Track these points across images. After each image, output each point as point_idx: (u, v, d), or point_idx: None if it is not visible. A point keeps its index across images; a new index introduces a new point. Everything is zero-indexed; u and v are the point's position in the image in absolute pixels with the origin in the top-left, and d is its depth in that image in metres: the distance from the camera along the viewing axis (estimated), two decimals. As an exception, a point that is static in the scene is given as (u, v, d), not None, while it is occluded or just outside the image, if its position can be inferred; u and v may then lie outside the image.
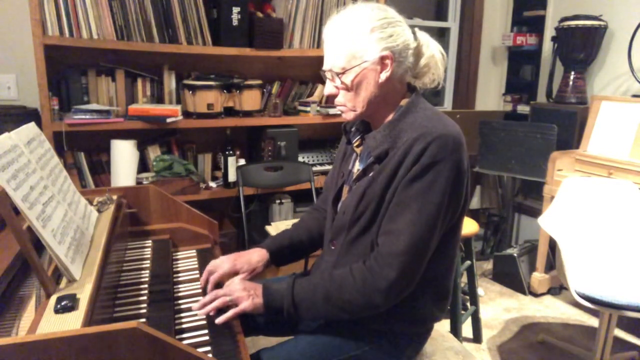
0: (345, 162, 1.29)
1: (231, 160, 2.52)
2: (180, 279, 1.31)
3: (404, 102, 1.15)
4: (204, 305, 1.09)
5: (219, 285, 1.21)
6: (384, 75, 1.10)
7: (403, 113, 1.12)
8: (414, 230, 1.05)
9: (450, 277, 1.22)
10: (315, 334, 1.20)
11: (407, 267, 1.06)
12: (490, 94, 3.73)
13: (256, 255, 1.30)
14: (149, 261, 1.33)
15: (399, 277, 1.05)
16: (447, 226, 1.12)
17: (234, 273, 1.25)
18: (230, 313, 1.06)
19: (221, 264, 1.25)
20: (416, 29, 1.18)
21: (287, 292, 1.10)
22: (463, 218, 1.17)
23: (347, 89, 1.13)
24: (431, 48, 1.18)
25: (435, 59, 1.18)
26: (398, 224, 1.06)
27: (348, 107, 1.16)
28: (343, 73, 1.11)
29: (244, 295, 1.09)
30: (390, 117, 1.15)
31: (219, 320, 1.05)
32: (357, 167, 1.23)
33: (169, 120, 2.33)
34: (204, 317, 1.11)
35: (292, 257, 1.39)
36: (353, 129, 1.27)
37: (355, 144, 1.24)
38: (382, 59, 1.09)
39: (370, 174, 1.14)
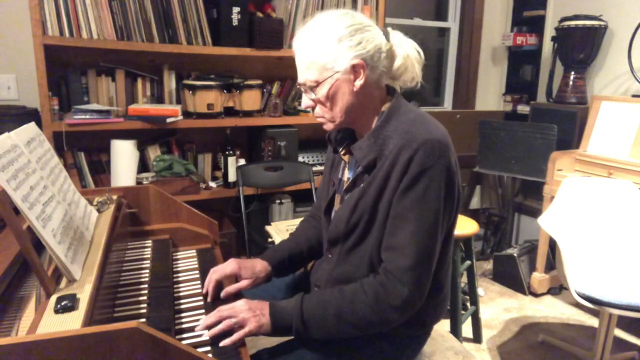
0: (334, 170, 1.27)
1: (231, 160, 2.52)
2: (180, 279, 1.31)
3: (385, 106, 1.13)
4: (208, 326, 1.04)
5: (220, 288, 1.20)
6: (358, 83, 1.08)
7: (385, 119, 1.11)
8: (417, 242, 1.04)
9: (448, 278, 1.21)
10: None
11: (418, 279, 1.05)
12: (490, 94, 3.73)
13: (259, 265, 1.28)
14: (149, 261, 1.33)
15: (412, 291, 1.04)
16: (446, 229, 1.11)
17: (237, 277, 1.24)
18: (235, 337, 1.01)
19: (225, 265, 1.24)
20: (389, 29, 1.15)
21: (296, 309, 1.07)
22: (457, 218, 1.17)
23: (323, 101, 1.11)
24: (405, 48, 1.14)
25: (411, 58, 1.14)
26: (399, 238, 1.05)
27: (327, 118, 1.14)
28: (317, 86, 1.09)
29: (250, 316, 1.05)
30: (373, 123, 1.13)
31: (224, 343, 1.00)
32: (347, 175, 1.22)
33: (169, 120, 2.33)
34: (204, 317, 1.11)
35: (293, 268, 1.38)
36: (338, 138, 1.25)
37: (342, 153, 1.23)
38: (354, 67, 1.06)
39: (361, 185, 1.13)
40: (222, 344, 1.00)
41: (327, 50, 1.06)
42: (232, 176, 2.53)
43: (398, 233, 1.05)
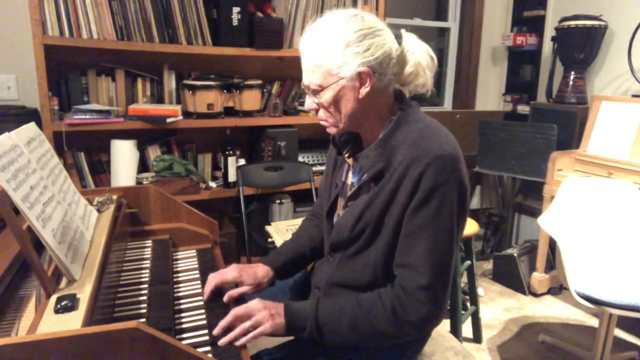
0: (337, 172, 1.25)
1: (231, 160, 2.52)
2: (180, 279, 1.31)
3: (393, 114, 1.10)
4: (224, 328, 1.02)
5: (221, 293, 1.19)
6: (363, 91, 1.05)
7: (394, 128, 1.08)
8: (433, 260, 1.02)
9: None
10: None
11: (435, 297, 1.04)
12: (490, 94, 3.73)
13: (261, 271, 1.27)
14: (149, 261, 1.33)
15: (430, 309, 1.03)
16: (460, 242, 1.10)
17: (238, 283, 1.23)
18: (249, 336, 1.01)
19: (226, 271, 1.23)
20: (403, 31, 1.11)
21: (311, 312, 1.06)
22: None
23: (326, 106, 1.09)
24: (416, 54, 1.09)
25: (422, 65, 1.10)
26: (414, 256, 1.03)
27: (330, 122, 1.12)
28: (321, 90, 1.07)
29: (265, 316, 1.04)
30: (380, 131, 1.11)
31: (239, 342, 1.00)
32: (350, 179, 1.20)
33: (169, 120, 2.33)
34: (204, 317, 1.11)
35: (296, 270, 1.37)
36: (342, 140, 1.22)
37: (346, 155, 1.21)
38: (360, 74, 1.03)
39: (367, 195, 1.11)
40: (237, 343, 1.00)
41: (333, 55, 1.03)
42: (232, 176, 2.53)
43: (412, 251, 1.04)
